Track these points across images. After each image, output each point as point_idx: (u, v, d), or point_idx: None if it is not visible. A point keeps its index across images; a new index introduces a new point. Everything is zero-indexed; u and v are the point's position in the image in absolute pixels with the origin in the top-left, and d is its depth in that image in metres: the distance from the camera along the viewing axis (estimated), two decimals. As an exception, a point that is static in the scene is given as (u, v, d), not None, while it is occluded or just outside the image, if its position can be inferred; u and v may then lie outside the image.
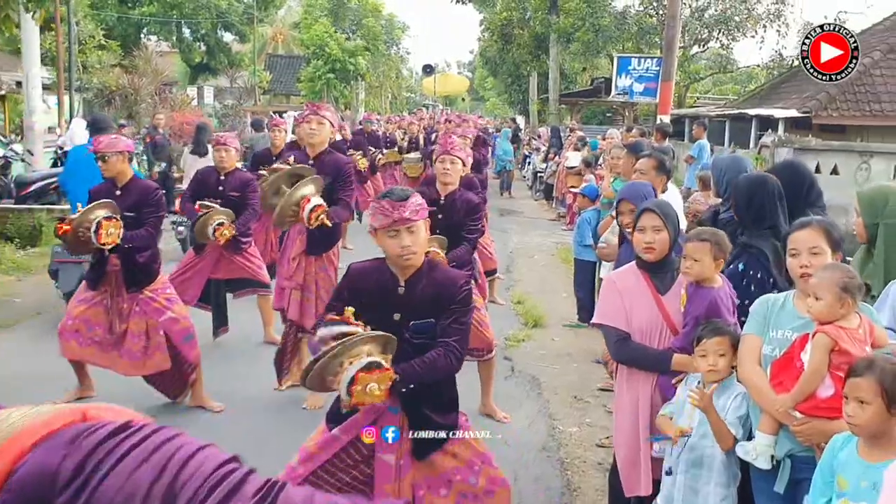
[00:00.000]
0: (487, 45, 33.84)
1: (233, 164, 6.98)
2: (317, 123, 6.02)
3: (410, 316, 3.28)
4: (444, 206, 5.39)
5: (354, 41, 35.34)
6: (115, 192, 5.54)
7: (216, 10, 36.59)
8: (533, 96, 33.85)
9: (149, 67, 29.41)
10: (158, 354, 5.60)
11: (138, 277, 5.59)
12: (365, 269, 3.41)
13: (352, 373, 2.98)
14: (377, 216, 3.23)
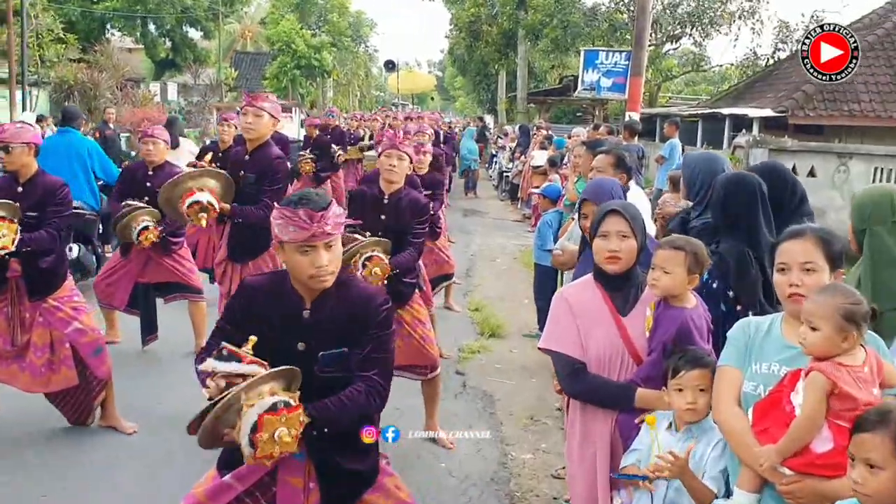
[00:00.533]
0: (456, 42, 33.28)
1: (162, 157, 6.41)
2: (253, 116, 5.50)
3: (319, 345, 2.69)
4: (388, 207, 4.85)
5: (320, 37, 34.63)
6: (16, 189, 4.89)
7: (181, 6, 35.70)
8: (501, 94, 33.33)
9: (110, 62, 28.57)
10: (64, 369, 4.99)
11: (41, 284, 4.96)
12: (262, 286, 2.80)
13: (254, 417, 2.40)
14: (287, 227, 2.60)
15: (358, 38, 42.82)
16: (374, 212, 4.81)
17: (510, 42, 28.88)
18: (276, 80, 33.27)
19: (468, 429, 5.45)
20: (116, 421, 5.19)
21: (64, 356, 4.98)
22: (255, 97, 5.67)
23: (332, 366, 2.69)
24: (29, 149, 4.89)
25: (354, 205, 4.94)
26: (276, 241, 2.68)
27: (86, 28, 32.61)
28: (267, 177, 5.52)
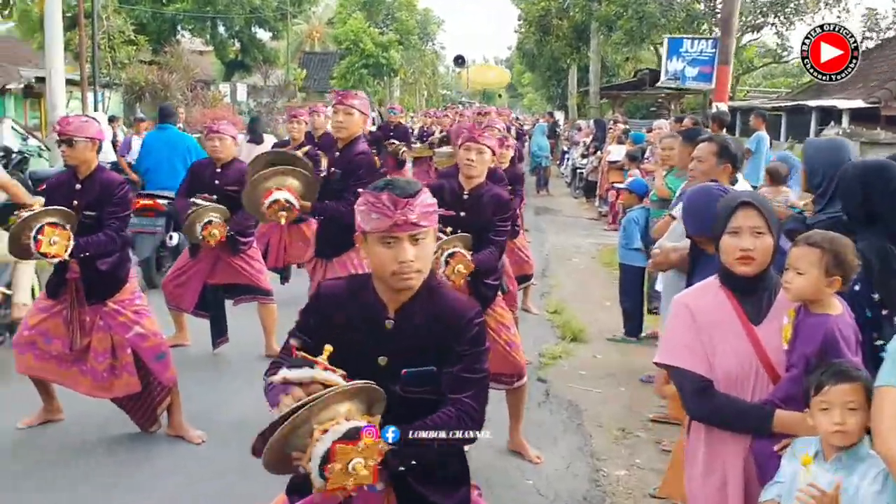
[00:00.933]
0: (525, 37, 32.75)
1: (229, 154, 6.17)
2: (343, 114, 5.26)
3: (402, 360, 2.34)
4: (468, 203, 4.49)
5: (387, 35, 34.49)
6: (75, 186, 4.69)
7: (249, 6, 35.95)
8: (572, 90, 32.68)
9: (180, 64, 28.89)
10: (126, 375, 4.75)
11: (101, 287, 4.73)
12: (339, 291, 2.46)
13: (326, 445, 2.06)
14: (370, 214, 2.28)
15: (425, 36, 42.55)
16: (452, 208, 4.46)
17: (582, 36, 28.22)
18: (344, 79, 33.22)
19: (554, 442, 5.06)
20: (184, 430, 4.92)
21: (125, 362, 4.74)
22: (344, 95, 5.38)
23: (418, 385, 2.34)
24: (93, 144, 4.68)
25: None
26: (359, 231, 2.34)
27: (156, 30, 33.02)
28: (353, 173, 5.25)
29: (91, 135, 4.66)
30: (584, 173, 17.62)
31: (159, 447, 4.82)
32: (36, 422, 5.01)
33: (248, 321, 6.53)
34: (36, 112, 23.21)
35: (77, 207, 4.61)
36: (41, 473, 4.45)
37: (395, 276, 2.29)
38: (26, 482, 4.36)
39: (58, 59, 15.83)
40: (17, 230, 4.43)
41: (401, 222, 2.26)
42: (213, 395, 5.57)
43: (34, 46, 25.68)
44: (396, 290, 2.35)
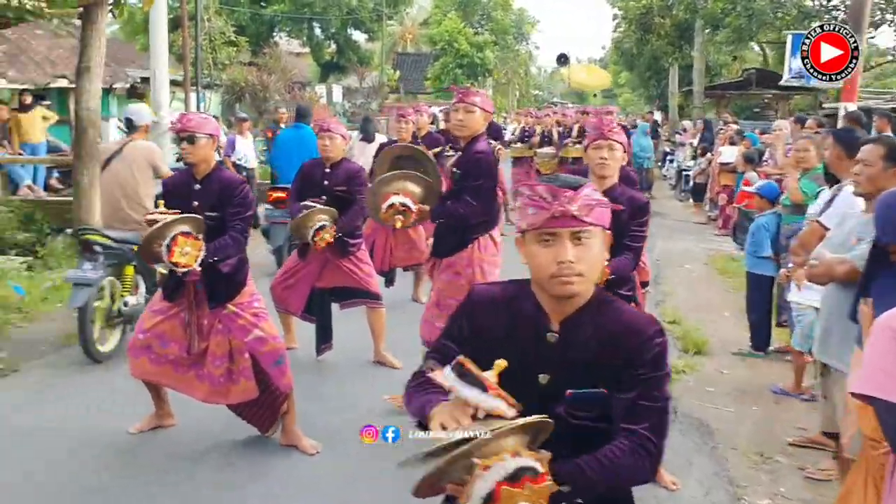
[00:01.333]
0: (625, 36, 32.03)
1: (339, 153, 5.96)
2: (464, 113, 4.93)
3: (567, 380, 2.05)
4: None
5: (483, 35, 34.26)
6: (194, 186, 4.54)
7: (346, 8, 36.24)
8: (673, 90, 31.80)
9: (278, 65, 29.27)
10: (243, 381, 4.58)
11: (221, 290, 4.56)
12: (494, 297, 2.18)
13: (489, 486, 1.79)
14: (526, 210, 2.03)
15: (519, 36, 42.15)
16: None
17: (684, 34, 27.43)
18: (439, 80, 33.14)
19: (688, 466, 4.68)
20: (298, 439, 4.72)
21: (243, 367, 4.57)
22: (465, 93, 5.05)
23: (585, 408, 2.04)
24: (213, 141, 4.54)
25: None
26: (518, 231, 2.09)
27: (254, 32, 33.56)
28: (471, 173, 4.97)
29: (211, 131, 4.53)
30: (692, 175, 16.97)
31: (273, 457, 4.63)
32: (147, 427, 4.91)
33: (356, 325, 6.35)
34: (138, 113, 23.69)
35: (197, 209, 4.47)
36: (150, 480, 4.33)
37: (554, 279, 2.01)
38: (135, 490, 4.24)
39: (162, 59, 16.10)
40: (149, 237, 4.30)
41: (559, 214, 1.99)
42: (319, 403, 5.35)
43: (137, 48, 26.39)
44: (558, 298, 2.06)
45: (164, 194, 4.72)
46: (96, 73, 9.17)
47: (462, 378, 1.89)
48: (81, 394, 5.56)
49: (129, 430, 4.86)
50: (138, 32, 29.05)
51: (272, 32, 37.31)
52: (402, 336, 6.26)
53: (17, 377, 5.92)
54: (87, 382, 5.80)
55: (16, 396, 5.50)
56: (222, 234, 4.44)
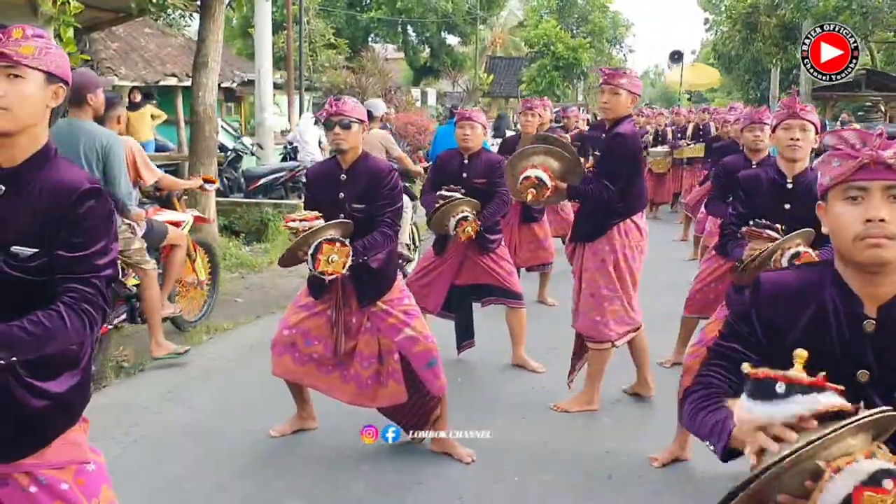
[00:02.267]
0: (728, 36, 31.14)
1: (478, 144, 5.79)
2: (609, 94, 4.85)
3: (893, 375, 1.79)
4: (794, 193, 3.86)
5: (579, 37, 33.89)
6: (340, 177, 4.33)
7: (441, 12, 36.35)
8: (775, 92, 30.80)
9: (375, 68, 29.48)
10: (392, 383, 4.37)
11: (371, 287, 4.36)
12: (789, 287, 1.91)
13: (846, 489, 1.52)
14: (829, 163, 1.78)
15: (613, 39, 41.58)
16: (774, 202, 3.86)
17: (789, 34, 26.50)
18: (534, 82, 32.89)
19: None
20: (452, 447, 4.49)
21: (392, 368, 4.36)
22: (611, 74, 4.88)
23: None
24: (363, 128, 4.33)
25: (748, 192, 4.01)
26: (820, 193, 1.83)
27: (350, 36, 33.90)
28: (610, 156, 4.85)
29: (362, 117, 4.31)
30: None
31: (426, 465, 4.41)
32: (289, 430, 4.73)
33: (494, 326, 6.16)
34: (235, 116, 24.11)
35: (343, 200, 4.27)
36: (294, 486, 4.16)
37: (858, 241, 1.73)
38: (279, 495, 4.08)
39: (267, 62, 16.36)
40: (294, 247, 4.13)
41: (869, 161, 1.71)
42: (464, 409, 5.06)
43: (234, 52, 26.84)
44: (870, 273, 1.77)
45: (308, 185, 4.57)
46: (213, 68, 9.24)
47: (760, 393, 1.63)
48: (211, 394, 5.48)
49: (271, 433, 4.69)
50: (235, 37, 29.70)
51: (367, 37, 37.68)
52: (532, 339, 6.08)
53: (143, 377, 5.76)
54: (215, 382, 5.73)
55: (146, 398, 5.35)
56: (370, 228, 4.23)
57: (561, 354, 5.60)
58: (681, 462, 4.41)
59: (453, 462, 4.43)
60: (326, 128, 4.33)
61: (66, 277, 2.08)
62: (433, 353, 4.38)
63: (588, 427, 4.98)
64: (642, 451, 4.54)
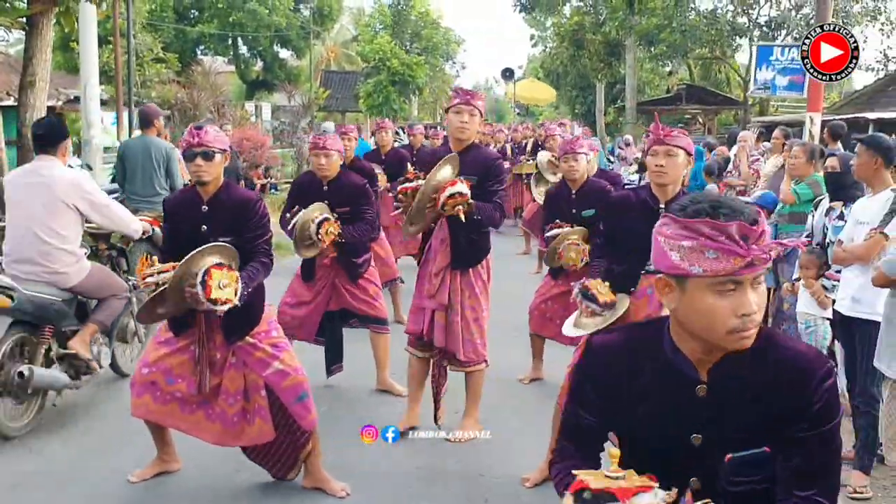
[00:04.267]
0: (555, 52, 32.39)
1: (335, 171, 5.58)
2: (469, 115, 4.77)
3: (723, 439, 1.82)
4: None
5: (413, 54, 34.29)
6: (202, 209, 4.11)
7: (275, 27, 35.81)
8: (600, 106, 32.31)
9: (207, 82, 28.60)
10: (259, 421, 4.14)
11: (238, 321, 4.10)
12: (618, 348, 1.96)
13: None
14: (703, 253, 1.73)
15: (447, 55, 42.31)
16: (646, 227, 3.94)
17: (614, 51, 27.90)
18: (371, 97, 32.93)
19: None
20: (325, 482, 4.32)
21: (259, 405, 4.13)
22: (472, 94, 4.84)
23: (748, 474, 1.82)
24: (225, 157, 4.12)
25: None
26: (671, 272, 1.78)
27: (179, 49, 32.75)
28: (490, 177, 4.80)
29: (226, 146, 4.12)
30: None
31: (295, 501, 4.24)
32: (150, 474, 4.41)
33: (361, 349, 6.04)
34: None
35: (206, 233, 4.04)
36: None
37: (732, 334, 1.74)
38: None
39: (93, 77, 15.58)
40: (178, 279, 3.81)
41: (754, 261, 1.71)
42: (337, 438, 4.88)
43: (53, 66, 25.34)
44: (720, 349, 1.80)
45: (167, 218, 4.31)
46: (41, 87, 8.71)
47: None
48: (65, 440, 5.05)
49: (130, 479, 4.36)
50: (54, 50, 28.04)
51: (196, 50, 36.58)
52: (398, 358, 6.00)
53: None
54: (71, 427, 5.28)
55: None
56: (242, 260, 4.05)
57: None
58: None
59: (327, 497, 4.27)
60: (187, 159, 4.07)
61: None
62: (303, 387, 4.18)
63: (461, 448, 4.94)
64: (517, 472, 4.55)
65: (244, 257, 4.02)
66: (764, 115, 24.39)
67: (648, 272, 3.94)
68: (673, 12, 21.43)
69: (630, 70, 27.49)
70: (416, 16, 36.40)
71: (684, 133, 4.02)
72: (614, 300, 3.94)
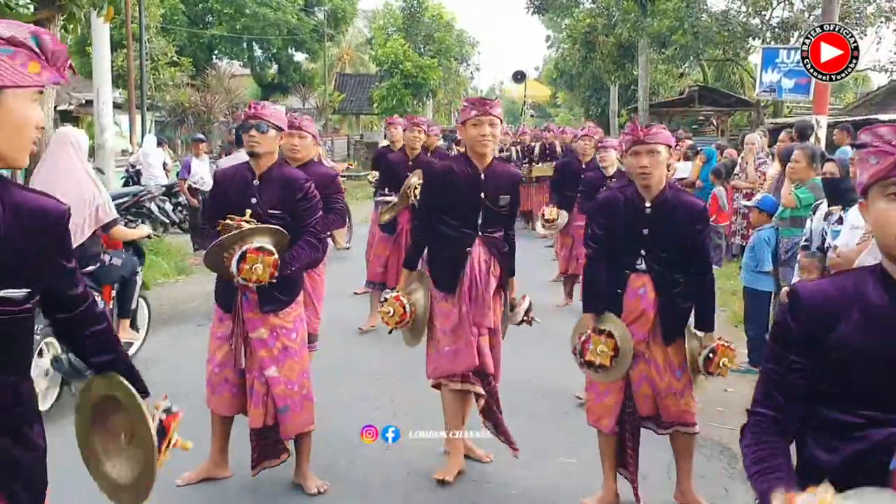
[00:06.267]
0: (568, 54, 32.34)
1: (308, 155, 5.44)
2: (489, 127, 4.31)
3: None
4: (652, 217, 3.98)
5: (427, 56, 34.30)
6: (253, 182, 4.16)
7: (286, 28, 35.90)
8: (614, 108, 32.23)
9: (221, 86, 28.77)
10: (252, 406, 4.23)
11: (272, 294, 4.14)
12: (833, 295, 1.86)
13: None
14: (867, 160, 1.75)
15: (460, 58, 42.27)
16: (633, 226, 4.01)
17: (626, 53, 27.82)
18: (385, 100, 32.99)
19: (725, 493, 4.52)
20: (306, 478, 4.36)
21: (257, 391, 4.19)
22: (488, 103, 4.36)
23: None
24: (280, 137, 4.21)
25: None
26: (860, 190, 1.79)
27: (192, 54, 32.93)
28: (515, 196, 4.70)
29: (282, 125, 4.20)
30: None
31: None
32: (197, 478, 4.38)
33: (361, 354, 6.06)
34: (73, 137, 22.86)
35: (256, 207, 4.12)
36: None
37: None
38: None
39: (106, 81, 15.62)
40: (223, 244, 3.91)
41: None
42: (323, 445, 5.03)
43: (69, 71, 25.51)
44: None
45: (215, 187, 4.38)
46: (48, 93, 8.74)
47: None
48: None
49: (177, 482, 4.30)
50: (71, 54, 28.20)
51: (211, 54, 36.75)
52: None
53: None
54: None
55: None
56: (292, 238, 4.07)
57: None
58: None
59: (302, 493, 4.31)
60: (243, 130, 4.13)
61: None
62: (287, 401, 4.19)
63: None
64: (508, 478, 4.54)
65: (294, 236, 4.06)
66: (777, 116, 24.26)
67: (638, 271, 3.95)
68: (685, 14, 21.33)
69: (643, 72, 27.40)
70: (429, 18, 36.36)
71: (662, 127, 4.01)
72: (612, 357, 3.89)
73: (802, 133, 10.83)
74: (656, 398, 4.06)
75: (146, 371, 2.75)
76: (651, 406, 4.08)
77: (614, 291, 3.99)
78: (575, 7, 29.84)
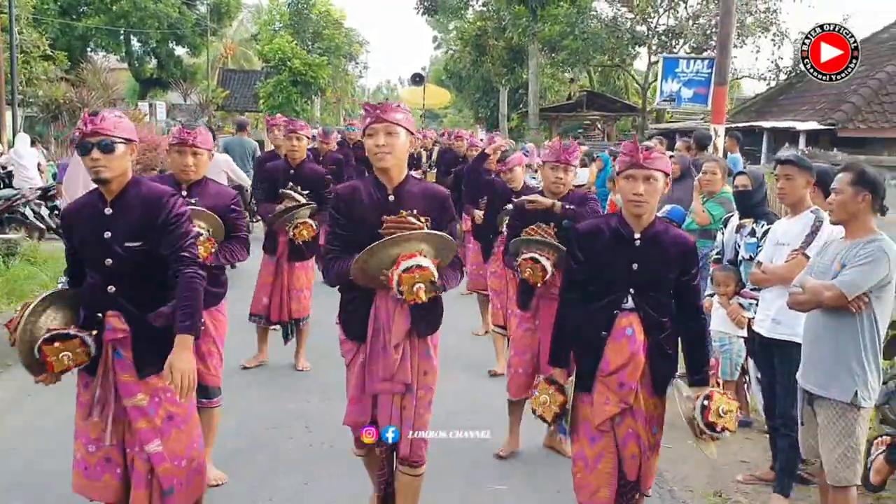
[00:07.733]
0: (459, 56, 32.42)
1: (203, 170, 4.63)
2: (385, 136, 3.53)
3: None
4: (640, 250, 3.50)
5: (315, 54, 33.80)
6: (104, 211, 3.37)
7: (167, 21, 34.68)
8: (504, 110, 32.51)
9: (97, 81, 27.48)
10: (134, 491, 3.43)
11: (149, 353, 3.37)
12: None
13: None
14: None
15: (349, 56, 41.91)
16: (619, 259, 3.50)
17: (517, 57, 28.07)
18: (271, 97, 32.27)
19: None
20: None
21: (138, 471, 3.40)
22: (382, 108, 3.57)
23: None
24: (131, 149, 3.36)
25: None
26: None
27: (66, 46, 31.34)
28: (445, 216, 3.80)
29: (130, 135, 3.36)
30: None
31: None
32: None
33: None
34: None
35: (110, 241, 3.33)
36: None
37: None
38: None
39: (-27, 75, 14.65)
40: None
41: None
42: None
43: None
44: None
45: (66, 227, 3.47)
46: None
47: None
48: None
49: None
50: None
51: (86, 47, 35.13)
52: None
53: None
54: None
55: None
56: (152, 272, 3.33)
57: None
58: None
59: None
60: (81, 152, 3.28)
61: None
62: (172, 482, 3.40)
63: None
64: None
65: (161, 269, 3.32)
66: (660, 122, 24.98)
67: (625, 310, 3.49)
68: (575, 20, 21.65)
69: (532, 76, 27.70)
70: (317, 15, 35.81)
71: (662, 152, 3.46)
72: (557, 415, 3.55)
73: (701, 143, 11.06)
74: (641, 457, 3.53)
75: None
76: (637, 468, 3.55)
77: (598, 335, 3.49)
78: (465, 10, 29.91)
